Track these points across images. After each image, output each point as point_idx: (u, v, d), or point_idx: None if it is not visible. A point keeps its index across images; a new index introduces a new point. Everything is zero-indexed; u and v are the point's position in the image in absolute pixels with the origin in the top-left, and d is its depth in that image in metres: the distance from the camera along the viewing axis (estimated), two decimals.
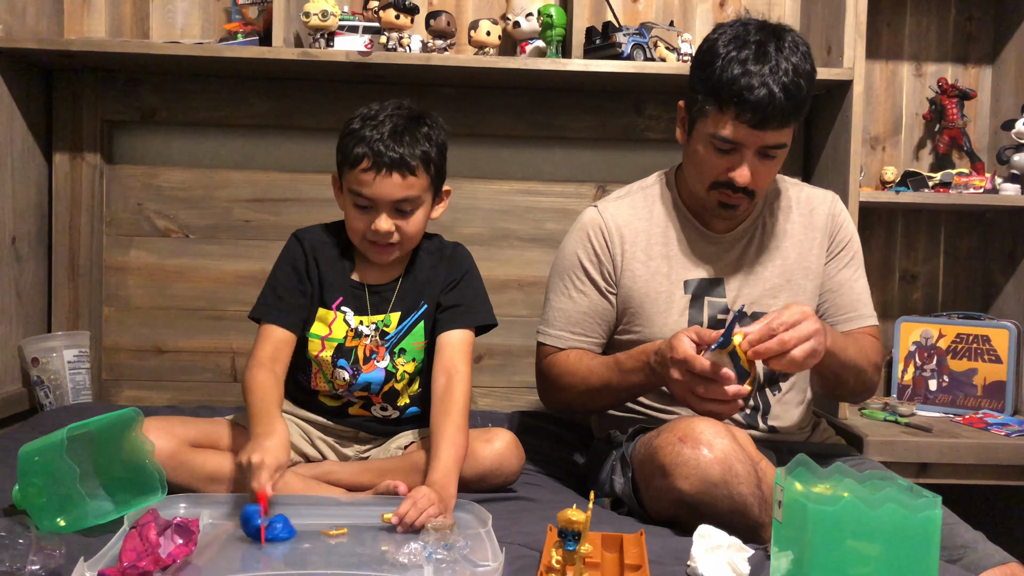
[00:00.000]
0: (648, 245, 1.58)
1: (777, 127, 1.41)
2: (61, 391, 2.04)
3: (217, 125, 2.22)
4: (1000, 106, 2.32)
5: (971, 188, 2.16)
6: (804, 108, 1.44)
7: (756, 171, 1.46)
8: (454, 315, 1.57)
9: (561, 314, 1.61)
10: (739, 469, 1.25)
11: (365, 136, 1.48)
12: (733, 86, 1.39)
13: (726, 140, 1.44)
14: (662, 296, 1.56)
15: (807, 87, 1.43)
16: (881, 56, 2.35)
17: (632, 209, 1.61)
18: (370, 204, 1.50)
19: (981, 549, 1.36)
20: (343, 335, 1.56)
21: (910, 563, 0.95)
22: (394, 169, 1.47)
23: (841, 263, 1.62)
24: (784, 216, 1.62)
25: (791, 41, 1.43)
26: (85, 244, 2.17)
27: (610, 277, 1.59)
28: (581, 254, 1.60)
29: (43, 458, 1.23)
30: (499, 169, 2.28)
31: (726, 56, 1.41)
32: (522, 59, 2.04)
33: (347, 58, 1.96)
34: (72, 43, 1.99)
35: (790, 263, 1.59)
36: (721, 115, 1.42)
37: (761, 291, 1.58)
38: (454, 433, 1.42)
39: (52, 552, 1.07)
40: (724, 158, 1.46)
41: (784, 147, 1.46)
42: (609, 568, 1.14)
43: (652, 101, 2.25)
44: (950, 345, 2.23)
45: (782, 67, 1.39)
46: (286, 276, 1.57)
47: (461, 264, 1.63)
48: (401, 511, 1.23)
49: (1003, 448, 1.93)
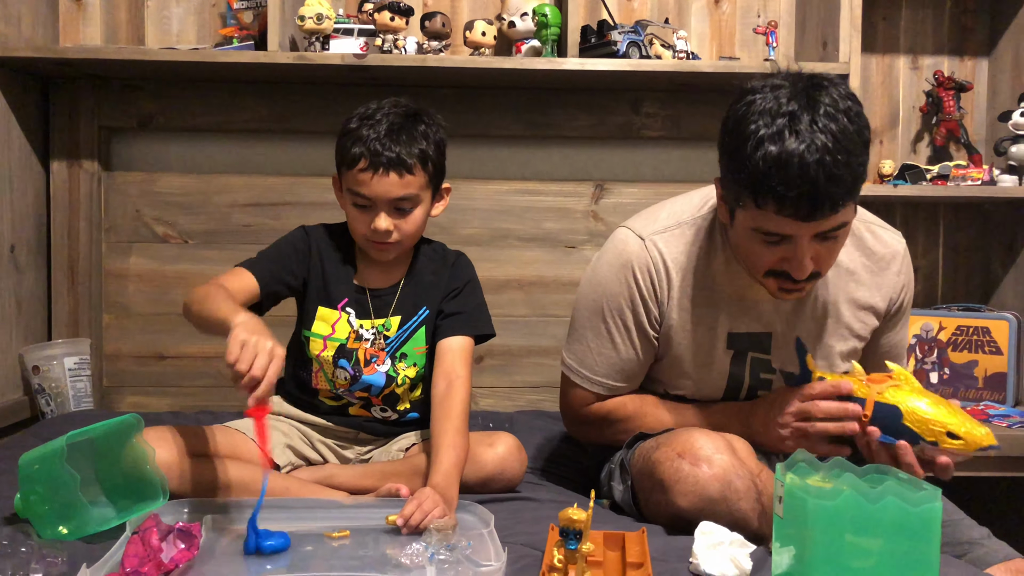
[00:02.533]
0: (696, 289, 1.40)
1: (828, 214, 1.18)
2: (62, 399, 2.04)
3: (214, 130, 2.23)
4: (997, 98, 2.32)
5: (969, 180, 2.16)
6: (859, 183, 1.20)
7: (818, 255, 1.24)
8: (455, 323, 1.57)
9: (604, 360, 1.45)
10: (738, 485, 1.23)
11: (362, 135, 1.47)
12: (767, 181, 1.16)
13: (768, 233, 1.23)
14: (702, 349, 1.41)
15: (860, 158, 1.18)
16: (877, 50, 2.35)
17: (683, 244, 1.40)
18: (369, 203, 1.49)
19: (987, 544, 1.36)
20: (346, 336, 1.56)
21: (911, 556, 0.95)
22: (391, 168, 1.46)
23: (895, 324, 1.48)
24: (848, 256, 1.41)
25: (828, 102, 1.18)
26: (84, 251, 2.17)
27: (656, 322, 1.42)
28: (626, 297, 1.41)
29: (44, 466, 1.23)
30: (497, 169, 2.28)
31: (756, 135, 1.17)
32: (518, 59, 2.05)
33: (343, 61, 1.96)
34: (68, 51, 2.00)
35: (845, 320, 1.43)
36: (760, 210, 1.20)
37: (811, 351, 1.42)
38: (455, 436, 1.41)
39: (54, 560, 1.08)
40: (775, 248, 1.25)
41: (844, 226, 1.23)
42: (611, 566, 1.14)
43: (649, 99, 2.25)
44: (950, 337, 2.23)
45: (827, 145, 1.14)
46: (282, 250, 1.57)
47: (464, 273, 1.62)
48: (406, 512, 1.23)
49: (1005, 439, 1.92)
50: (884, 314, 1.46)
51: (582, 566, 1.02)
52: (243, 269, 1.53)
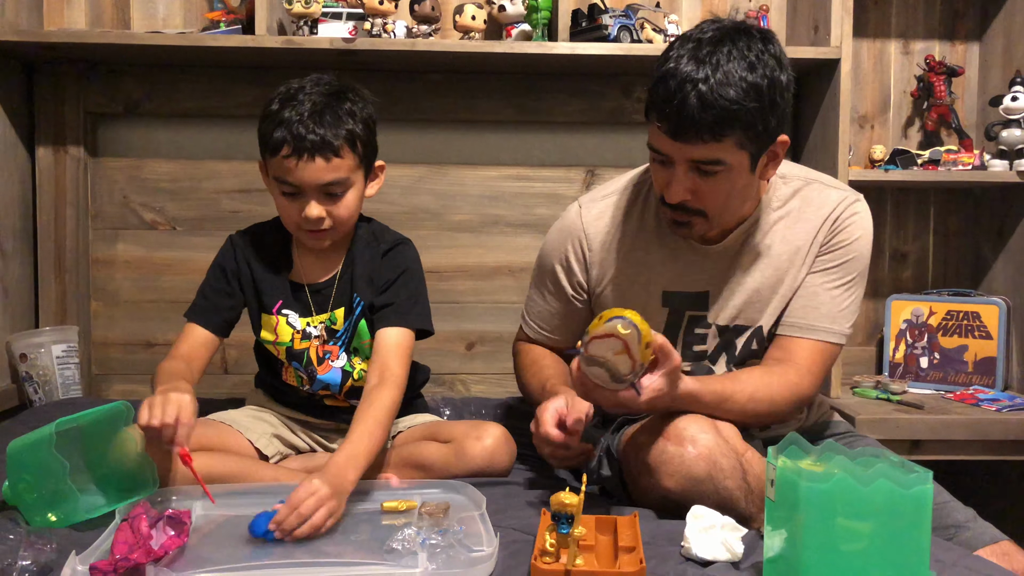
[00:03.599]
0: (628, 251, 1.47)
1: (694, 140, 1.24)
2: (50, 387, 2.02)
3: (201, 116, 2.20)
4: (988, 82, 2.32)
5: (960, 165, 2.16)
6: (733, 124, 1.23)
7: (697, 189, 1.31)
8: (385, 314, 1.50)
9: (535, 307, 1.60)
10: (724, 464, 1.23)
11: (284, 118, 1.39)
12: (657, 90, 1.26)
13: (654, 150, 1.32)
14: (639, 308, 1.37)
15: (743, 100, 1.22)
16: (868, 34, 2.35)
17: (615, 210, 1.49)
18: (296, 191, 1.42)
19: (974, 527, 1.36)
20: (289, 338, 1.54)
21: (903, 538, 0.95)
22: (317, 152, 1.38)
23: (820, 266, 1.44)
24: (790, 221, 1.45)
25: (744, 46, 1.24)
26: (71, 238, 2.15)
27: (580, 287, 1.52)
28: (556, 260, 1.53)
29: (32, 453, 1.22)
30: (487, 155, 2.27)
31: (667, 56, 1.27)
32: (508, 43, 2.03)
33: (331, 45, 1.95)
34: (52, 35, 1.97)
35: (781, 272, 1.44)
36: (651, 125, 1.30)
37: (745, 303, 1.45)
38: (374, 427, 1.34)
39: (43, 547, 1.07)
40: (662, 171, 1.33)
41: (720, 164, 1.27)
42: (603, 550, 1.14)
43: (640, 83, 2.24)
44: (941, 322, 2.23)
45: (711, 75, 1.22)
46: (214, 277, 1.57)
47: (399, 263, 1.54)
48: (279, 517, 1.14)
49: (994, 423, 1.94)
50: (808, 254, 1.44)
51: (574, 550, 1.02)
52: (191, 325, 1.54)
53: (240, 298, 1.56)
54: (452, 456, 1.46)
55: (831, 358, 1.45)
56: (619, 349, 1.13)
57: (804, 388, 1.40)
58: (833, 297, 1.43)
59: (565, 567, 1.01)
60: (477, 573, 1.06)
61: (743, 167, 1.30)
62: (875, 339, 2.39)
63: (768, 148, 1.32)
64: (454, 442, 1.47)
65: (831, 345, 1.43)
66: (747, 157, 1.29)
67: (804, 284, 1.44)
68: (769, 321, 1.46)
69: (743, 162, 1.29)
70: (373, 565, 1.08)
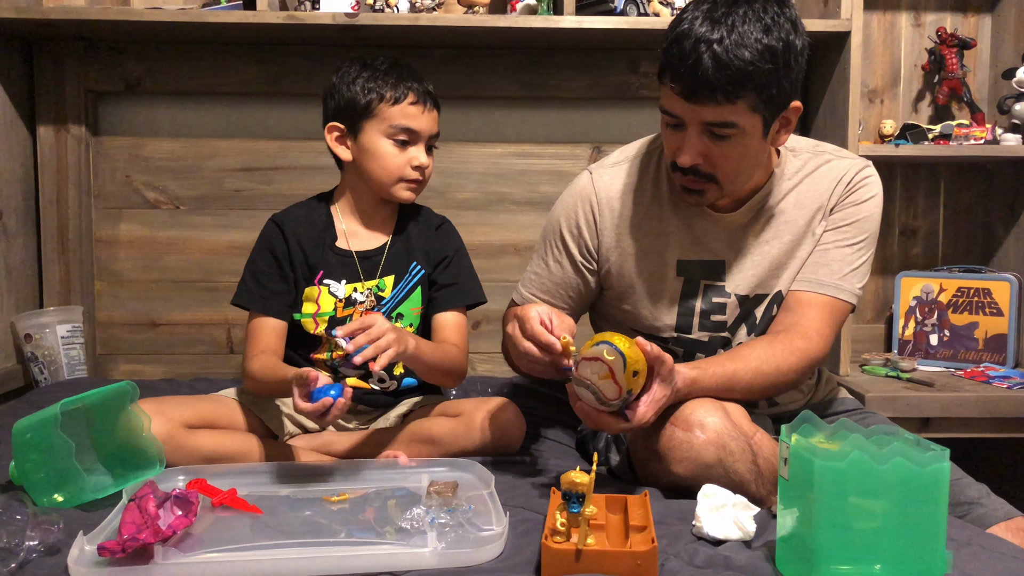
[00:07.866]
0: (641, 219, 1.44)
1: (708, 101, 1.24)
2: (56, 367, 2.02)
3: (203, 93, 2.18)
4: (1000, 55, 2.29)
5: (971, 140, 2.13)
6: (747, 86, 1.22)
7: (709, 153, 1.30)
8: (449, 295, 1.59)
9: (536, 278, 1.53)
10: (733, 447, 1.22)
11: (396, 73, 1.52)
12: (671, 50, 1.25)
13: (666, 112, 1.31)
14: (653, 277, 1.45)
15: (758, 62, 1.21)
16: (879, 6, 2.31)
17: (628, 178, 1.47)
18: (411, 139, 1.53)
19: (987, 504, 1.35)
20: (331, 307, 1.54)
21: (919, 517, 0.94)
22: (433, 105, 1.56)
23: (832, 225, 1.44)
24: (804, 188, 1.44)
25: (760, 8, 1.23)
26: (74, 218, 2.13)
27: (589, 253, 1.47)
28: (564, 224, 1.48)
29: (37, 434, 1.22)
30: (492, 132, 2.24)
31: (682, 17, 1.26)
32: (513, 17, 2.00)
33: (333, 20, 1.92)
34: (51, 11, 1.94)
35: (797, 237, 1.43)
36: (663, 87, 1.29)
37: (763, 271, 1.44)
38: (441, 349, 1.51)
39: (50, 527, 1.06)
40: (674, 135, 1.32)
41: (732, 127, 1.26)
42: (614, 529, 1.13)
43: (647, 58, 2.21)
44: (951, 299, 2.21)
45: (726, 36, 1.20)
46: (265, 263, 1.57)
47: (452, 240, 1.64)
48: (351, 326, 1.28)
49: (1005, 400, 1.93)
50: (822, 217, 1.44)
51: (585, 529, 1.01)
52: (259, 319, 1.54)
53: (292, 278, 1.57)
54: (462, 428, 1.45)
55: (841, 317, 1.44)
56: (604, 373, 1.15)
57: (813, 351, 1.38)
58: (845, 255, 1.42)
59: (576, 546, 1.00)
60: (487, 552, 1.05)
61: (756, 131, 1.29)
62: (884, 316, 2.37)
63: (781, 114, 1.30)
64: (463, 415, 1.47)
65: (841, 302, 1.42)
66: (760, 121, 1.28)
67: (821, 243, 1.44)
68: (786, 286, 1.45)
69: (756, 126, 1.28)
70: (382, 544, 1.07)
